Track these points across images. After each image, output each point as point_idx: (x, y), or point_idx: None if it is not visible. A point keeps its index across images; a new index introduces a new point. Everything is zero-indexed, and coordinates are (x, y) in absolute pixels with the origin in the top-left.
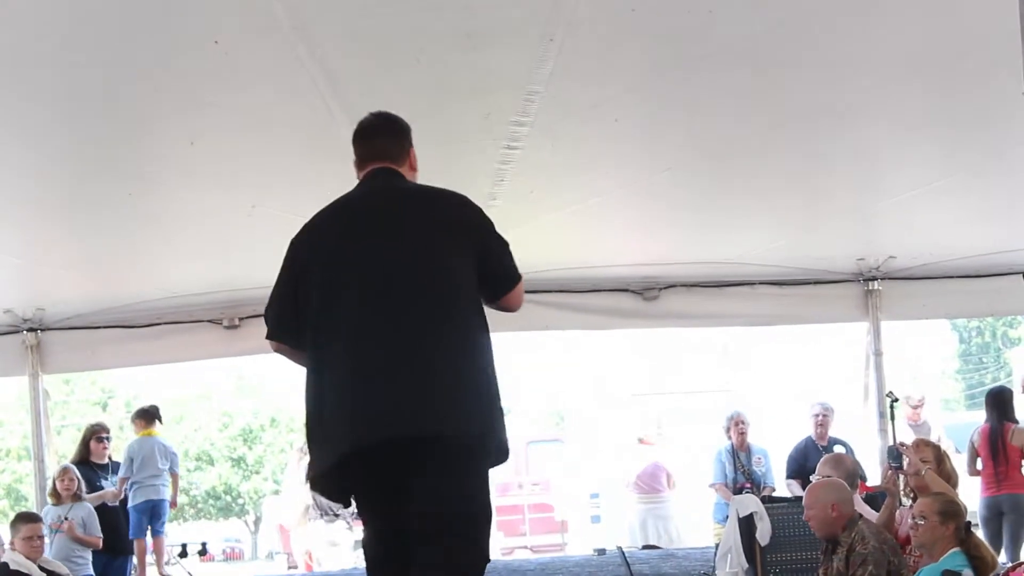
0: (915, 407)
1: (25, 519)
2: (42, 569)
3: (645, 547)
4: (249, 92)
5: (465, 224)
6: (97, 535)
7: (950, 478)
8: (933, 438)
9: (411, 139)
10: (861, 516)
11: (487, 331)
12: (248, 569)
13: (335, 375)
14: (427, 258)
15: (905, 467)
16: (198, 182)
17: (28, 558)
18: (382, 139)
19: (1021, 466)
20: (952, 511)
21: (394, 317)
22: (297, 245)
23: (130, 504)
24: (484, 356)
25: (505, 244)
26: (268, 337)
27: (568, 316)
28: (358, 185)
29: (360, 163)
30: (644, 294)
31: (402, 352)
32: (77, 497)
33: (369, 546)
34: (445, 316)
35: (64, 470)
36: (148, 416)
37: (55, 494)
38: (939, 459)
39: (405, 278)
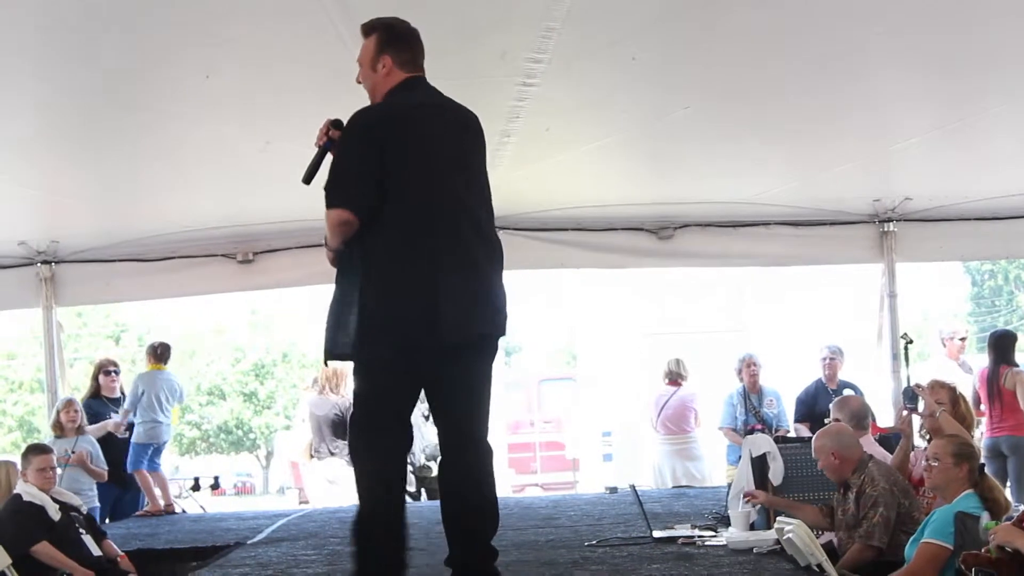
0: (962, 339)
1: (37, 450)
2: (55, 500)
3: (676, 487)
4: (265, 27)
5: (483, 144)
6: (103, 467)
7: (964, 420)
8: (971, 378)
9: None
10: (872, 457)
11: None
12: (259, 503)
13: (420, 267)
14: (476, 180)
15: (920, 409)
16: (213, 116)
17: (41, 489)
18: (420, 45)
19: (1018, 408)
20: (966, 453)
21: (464, 230)
22: (377, 128)
23: (133, 439)
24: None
25: None
26: (345, 206)
27: (582, 254)
28: (419, 88)
29: (403, 65)
30: (659, 233)
31: (470, 262)
32: (81, 430)
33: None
34: (489, 230)
35: (68, 402)
36: (157, 354)
37: (59, 426)
38: (954, 401)
39: (467, 198)
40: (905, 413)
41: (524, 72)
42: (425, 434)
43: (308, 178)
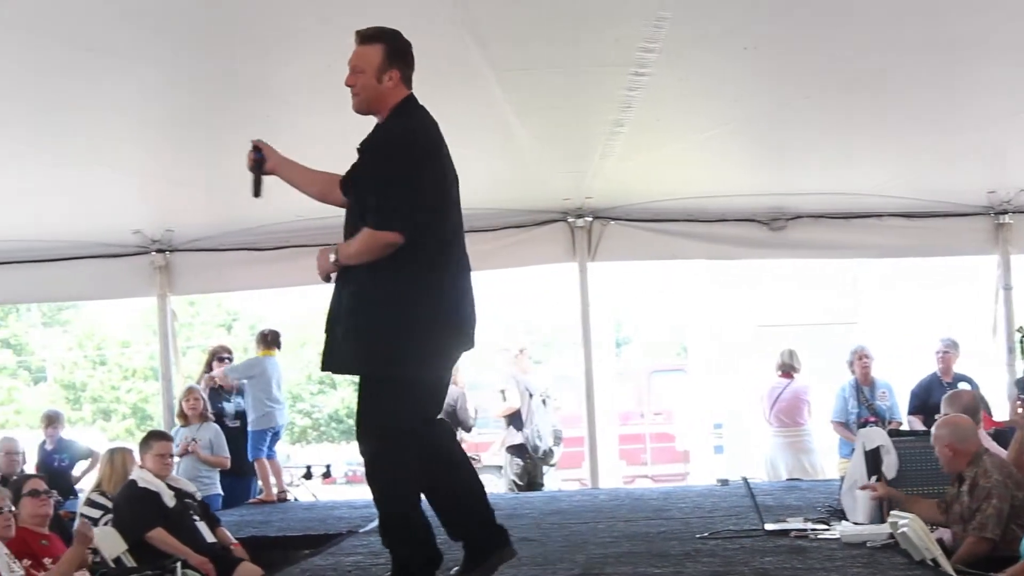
0: None
1: (157, 436)
2: (170, 487)
3: (790, 480)
4: (385, 18)
5: None
6: (224, 455)
7: None
8: None
9: None
10: (987, 451)
11: None
12: (368, 492)
13: (457, 281)
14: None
15: None
16: (330, 106)
17: (158, 476)
18: (411, 61)
19: None
20: None
21: (462, 247)
22: (425, 154)
23: (250, 427)
24: None
25: None
26: (401, 230)
27: (694, 245)
28: (423, 110)
29: (407, 81)
30: (771, 224)
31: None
32: (204, 417)
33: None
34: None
35: (189, 391)
36: (268, 340)
37: (182, 415)
38: None
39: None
40: (1020, 406)
41: (636, 62)
42: (546, 420)
43: (258, 193)
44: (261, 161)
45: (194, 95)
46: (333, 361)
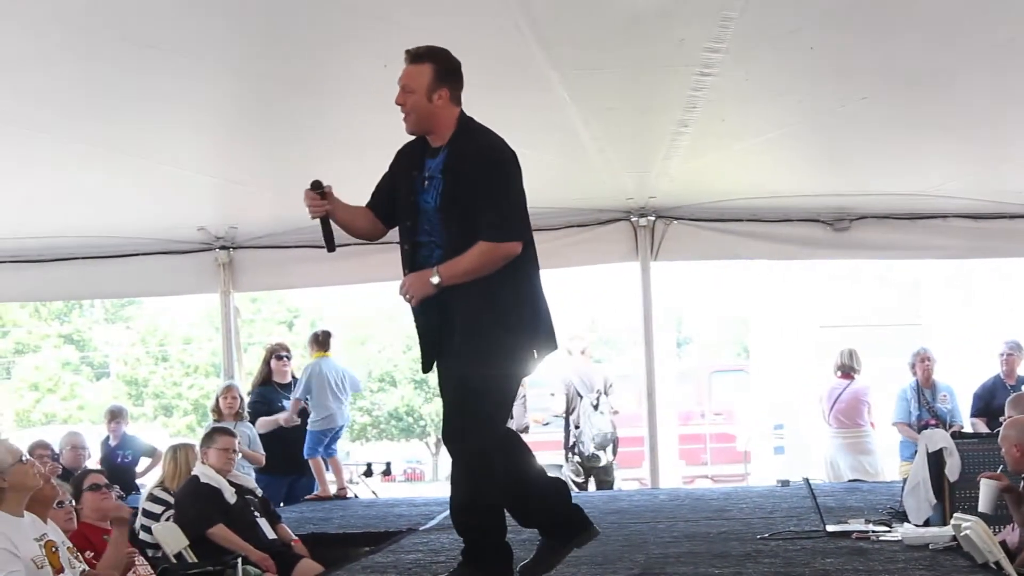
0: None
1: (221, 432)
2: (231, 484)
3: (851, 481)
4: (444, 17)
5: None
6: (260, 452)
7: None
8: None
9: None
10: None
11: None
12: (429, 490)
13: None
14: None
15: None
16: (389, 104)
17: (221, 471)
18: (451, 69)
19: None
20: None
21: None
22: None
23: (310, 427)
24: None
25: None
26: (520, 239)
27: (757, 245)
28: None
29: (456, 100)
30: (834, 224)
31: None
32: (239, 416)
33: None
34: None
35: (228, 388)
36: (320, 342)
37: (217, 411)
38: None
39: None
40: None
41: (701, 62)
42: (595, 423)
43: (332, 247)
44: (327, 210)
45: (256, 92)
46: (450, 365)
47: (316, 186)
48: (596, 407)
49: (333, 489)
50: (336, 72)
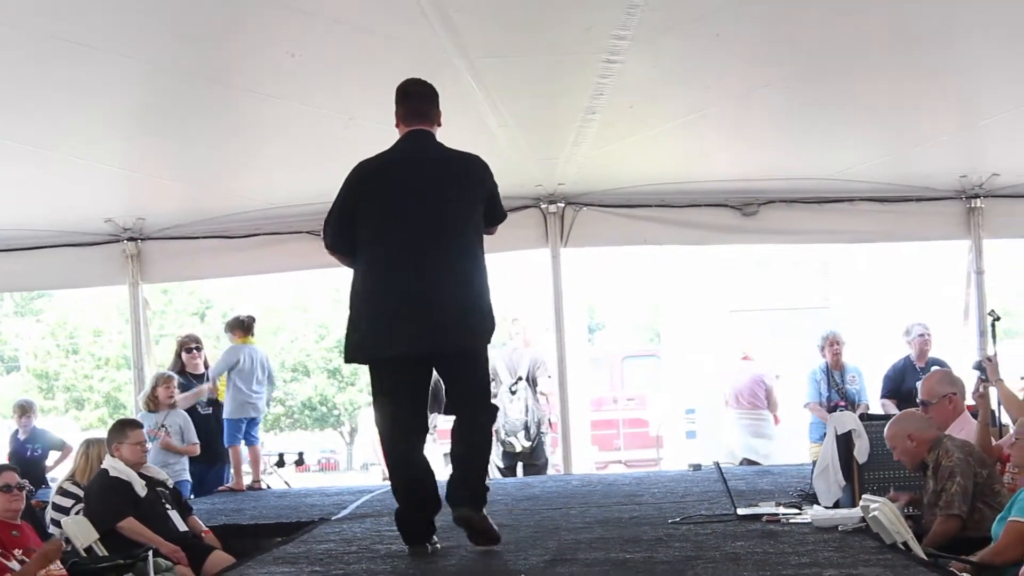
0: None
1: (132, 425)
2: (142, 476)
3: (744, 462)
4: (350, 4)
5: (473, 179)
6: (194, 442)
7: None
8: None
9: (438, 102)
10: (947, 435)
11: (484, 260)
12: (343, 479)
13: (384, 289)
14: (452, 212)
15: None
16: (297, 93)
17: (132, 464)
18: (421, 103)
19: None
20: None
21: (425, 255)
22: (355, 182)
23: (226, 415)
24: (482, 280)
25: (498, 192)
26: (327, 247)
27: (666, 231)
28: (399, 142)
29: (401, 120)
30: (743, 209)
31: (428, 281)
32: (173, 405)
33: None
34: (461, 254)
35: (168, 378)
36: (245, 326)
37: (153, 401)
38: None
39: (436, 227)
40: (980, 386)
41: (608, 49)
42: (508, 410)
43: None
44: None
45: (162, 83)
46: (453, 338)
47: None
48: (513, 392)
49: (247, 480)
50: (243, 62)
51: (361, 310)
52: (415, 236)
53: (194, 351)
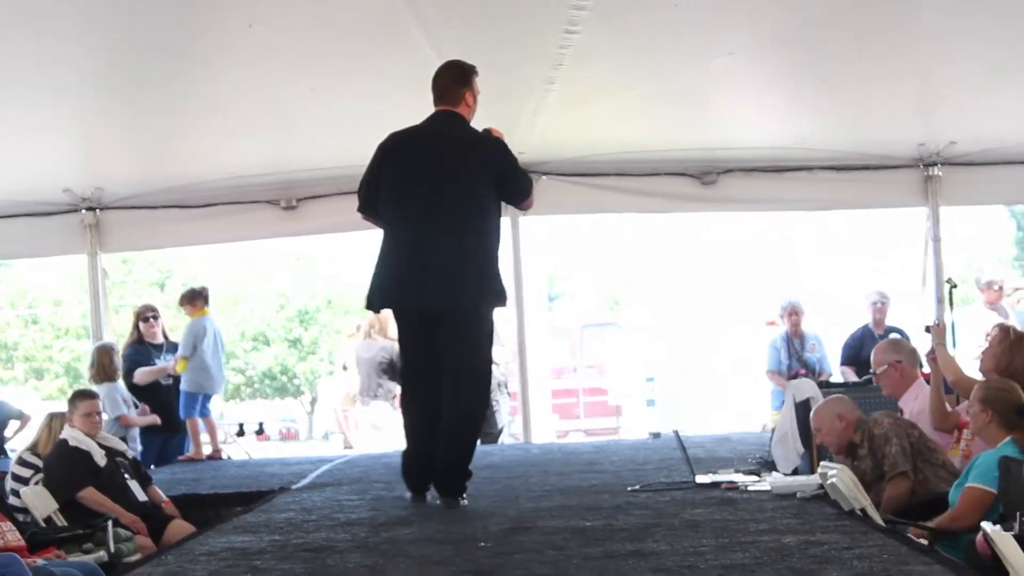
0: (997, 289)
1: (83, 396)
2: (101, 446)
3: None
4: None
5: (481, 158)
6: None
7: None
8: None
9: (468, 82)
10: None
11: (493, 234)
12: (304, 449)
13: (395, 249)
14: (455, 186)
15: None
16: (258, 63)
17: (87, 434)
18: (444, 84)
19: None
20: (989, 398)
21: (427, 223)
22: (381, 151)
23: (183, 387)
24: (480, 250)
25: (517, 167)
26: (358, 209)
27: (625, 199)
28: (426, 119)
29: (434, 101)
30: (702, 178)
31: (427, 246)
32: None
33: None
34: (460, 226)
35: (110, 348)
36: (204, 297)
37: (102, 373)
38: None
39: (439, 199)
40: (931, 356)
41: (567, 19)
42: None
43: None
44: None
45: (121, 55)
46: (444, 298)
47: None
48: None
49: (207, 451)
50: (202, 31)
51: (378, 267)
52: (420, 208)
53: (151, 320)
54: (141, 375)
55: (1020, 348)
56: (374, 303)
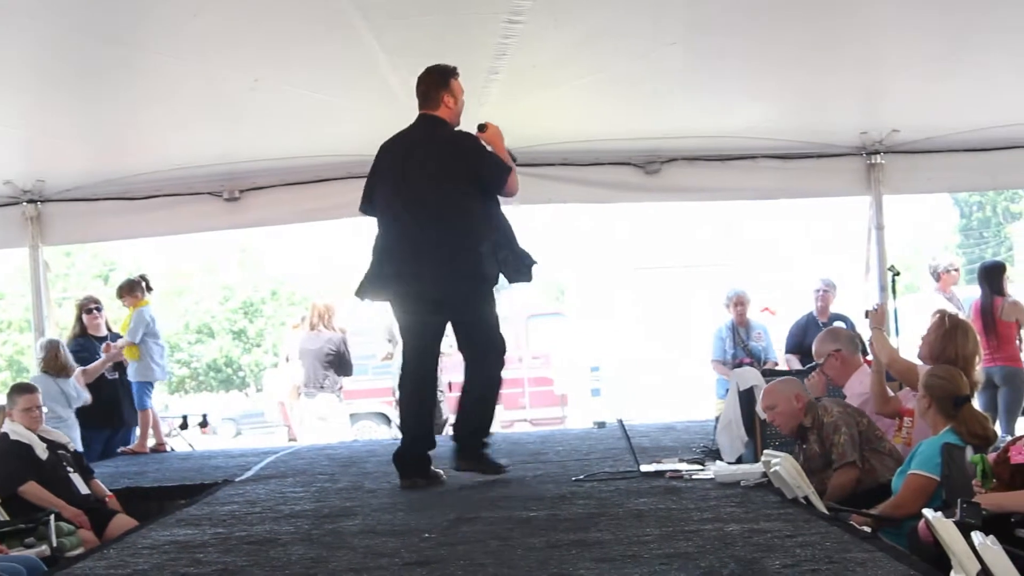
0: (955, 270)
1: (23, 390)
2: (42, 439)
3: None
4: None
5: (455, 157)
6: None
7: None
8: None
9: (445, 85)
10: (817, 398)
11: (478, 223)
12: (248, 441)
13: (388, 244)
14: (434, 184)
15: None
16: (201, 54)
17: (28, 428)
18: (423, 90)
19: (1014, 339)
20: (930, 384)
21: (415, 219)
22: (378, 153)
23: (133, 378)
24: (470, 239)
25: (491, 160)
26: (359, 208)
27: (569, 189)
28: (411, 124)
29: (418, 106)
30: (646, 167)
31: (417, 239)
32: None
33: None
34: (442, 219)
35: (54, 344)
36: (145, 287)
37: (53, 365)
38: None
39: (423, 197)
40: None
41: (510, 9)
42: None
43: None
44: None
45: (61, 44)
46: (426, 287)
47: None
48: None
49: (151, 443)
50: (145, 21)
51: (373, 260)
52: (406, 205)
53: (95, 312)
54: (85, 375)
55: (954, 336)
56: (366, 293)
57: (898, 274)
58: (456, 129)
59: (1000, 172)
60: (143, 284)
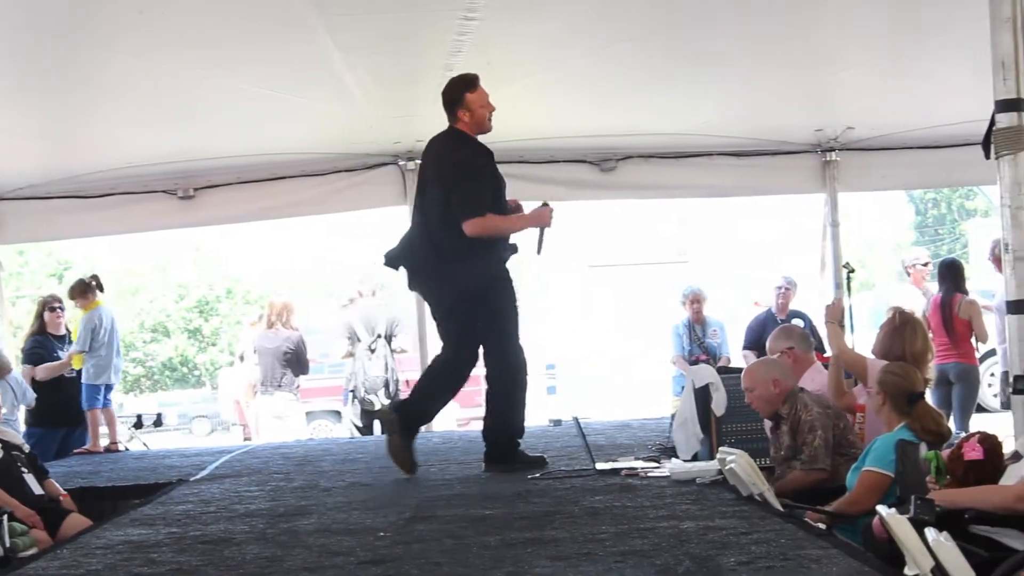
0: (924, 265)
1: None
2: None
3: None
4: None
5: (438, 180)
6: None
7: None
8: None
9: (460, 101)
10: (802, 388)
11: (457, 237)
12: (205, 440)
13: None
14: (427, 198)
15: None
16: (149, 50)
17: None
18: (443, 105)
19: (970, 337)
20: (885, 380)
21: (413, 229)
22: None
23: (85, 380)
24: (444, 246)
25: (460, 194)
26: None
27: (525, 187)
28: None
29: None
30: (601, 165)
31: (411, 248)
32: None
33: None
34: (427, 231)
35: None
36: (94, 288)
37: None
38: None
39: (419, 209)
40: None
41: (465, 6)
42: (368, 368)
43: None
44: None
45: (9, 42)
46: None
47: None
48: (372, 351)
49: (105, 443)
50: (92, 17)
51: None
52: (413, 216)
53: (57, 310)
54: (43, 371)
55: (902, 333)
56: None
57: (853, 271)
58: (453, 148)
59: (955, 169)
60: (95, 285)
